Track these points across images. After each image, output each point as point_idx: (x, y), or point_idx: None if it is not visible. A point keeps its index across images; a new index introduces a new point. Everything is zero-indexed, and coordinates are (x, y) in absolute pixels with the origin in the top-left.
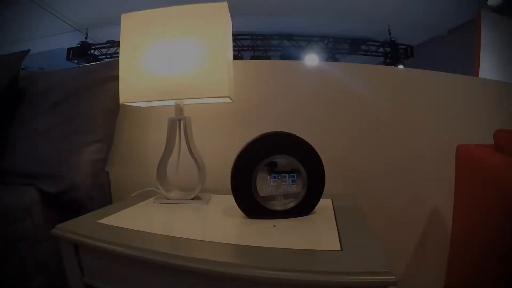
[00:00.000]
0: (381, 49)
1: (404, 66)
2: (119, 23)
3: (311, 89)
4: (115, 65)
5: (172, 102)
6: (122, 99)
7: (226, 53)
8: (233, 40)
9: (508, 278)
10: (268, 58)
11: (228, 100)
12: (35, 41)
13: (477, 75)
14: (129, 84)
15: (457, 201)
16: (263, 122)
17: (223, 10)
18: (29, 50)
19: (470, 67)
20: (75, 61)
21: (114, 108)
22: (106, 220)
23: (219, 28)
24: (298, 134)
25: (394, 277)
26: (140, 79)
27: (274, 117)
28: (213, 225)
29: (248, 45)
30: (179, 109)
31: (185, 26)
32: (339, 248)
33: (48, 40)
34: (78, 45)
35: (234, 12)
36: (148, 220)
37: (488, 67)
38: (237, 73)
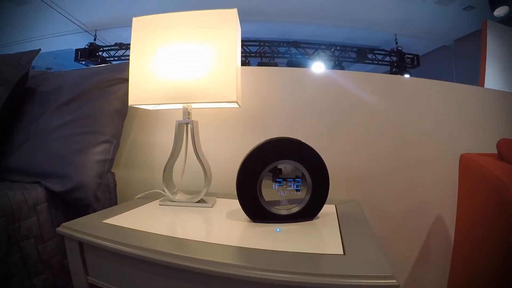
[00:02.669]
0: (387, 58)
1: (410, 75)
2: (128, 26)
3: (317, 96)
4: (125, 68)
5: (180, 106)
6: (131, 101)
7: (234, 59)
8: (241, 46)
9: (510, 286)
10: (275, 64)
11: (235, 105)
12: (43, 40)
13: (483, 85)
14: (138, 86)
15: (460, 209)
16: (269, 128)
17: (233, 16)
18: (40, 49)
19: (475, 77)
20: (83, 62)
21: (122, 110)
22: (111, 220)
23: (229, 35)
24: (303, 140)
25: (395, 281)
26: (149, 82)
27: (280, 123)
28: (218, 227)
29: (256, 52)
30: (186, 112)
31: (195, 32)
32: (341, 252)
33: (56, 40)
34: (87, 47)
35: (242, 19)
36: (153, 222)
37: (493, 77)
38: (244, 79)
